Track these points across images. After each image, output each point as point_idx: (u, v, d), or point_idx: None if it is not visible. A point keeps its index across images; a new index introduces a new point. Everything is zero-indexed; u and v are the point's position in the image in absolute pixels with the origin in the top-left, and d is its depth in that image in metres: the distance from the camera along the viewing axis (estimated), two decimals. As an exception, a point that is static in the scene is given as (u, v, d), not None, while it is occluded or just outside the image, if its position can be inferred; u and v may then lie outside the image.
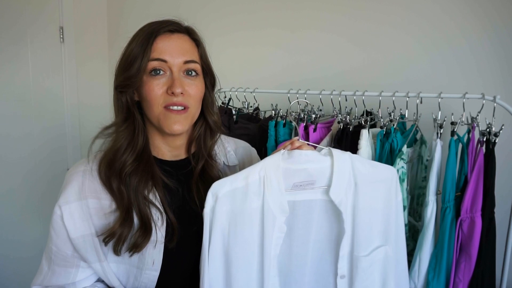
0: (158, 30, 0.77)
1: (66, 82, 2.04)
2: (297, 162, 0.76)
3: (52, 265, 0.78)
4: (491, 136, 1.05)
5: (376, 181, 0.79)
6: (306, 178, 0.77)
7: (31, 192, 1.98)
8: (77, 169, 0.79)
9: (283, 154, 0.76)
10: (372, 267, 0.79)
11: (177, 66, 0.76)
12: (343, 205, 0.77)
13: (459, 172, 1.08)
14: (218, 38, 1.82)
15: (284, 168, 0.76)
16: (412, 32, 1.43)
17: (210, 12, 1.86)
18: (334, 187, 0.76)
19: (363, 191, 0.78)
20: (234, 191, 0.74)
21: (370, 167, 0.79)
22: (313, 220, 0.80)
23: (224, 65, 1.81)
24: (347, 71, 1.55)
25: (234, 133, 1.41)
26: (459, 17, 1.35)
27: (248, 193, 0.74)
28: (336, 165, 0.76)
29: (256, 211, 0.75)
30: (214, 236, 0.73)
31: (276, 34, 1.71)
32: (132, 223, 0.75)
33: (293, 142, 0.78)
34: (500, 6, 1.29)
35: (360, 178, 0.78)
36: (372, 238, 0.80)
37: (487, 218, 1.04)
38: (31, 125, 1.96)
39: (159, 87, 0.76)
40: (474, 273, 1.05)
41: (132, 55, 0.75)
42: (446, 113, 1.14)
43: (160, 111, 0.76)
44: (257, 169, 0.75)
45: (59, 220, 0.75)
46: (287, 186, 0.77)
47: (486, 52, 1.32)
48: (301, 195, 0.78)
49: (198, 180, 0.84)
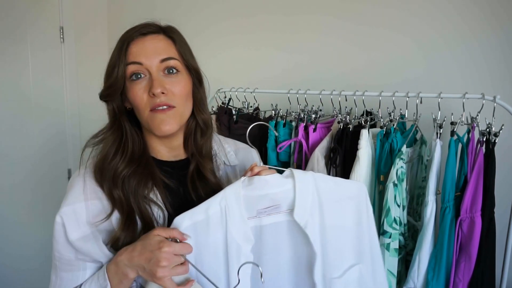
0: (131, 35, 0.78)
1: (66, 82, 2.04)
2: (257, 188, 0.74)
3: (58, 272, 0.78)
4: (491, 136, 1.05)
5: (342, 198, 0.77)
6: (269, 204, 0.75)
7: (31, 191, 1.98)
8: (78, 173, 0.80)
9: (243, 182, 0.74)
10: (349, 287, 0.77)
11: (154, 66, 0.76)
12: (309, 227, 0.74)
13: (459, 172, 1.08)
14: (218, 38, 1.83)
15: (245, 196, 0.74)
16: (412, 32, 1.43)
17: (210, 12, 1.86)
18: (297, 209, 0.74)
19: (329, 210, 0.76)
20: (195, 224, 0.72)
21: (334, 185, 0.77)
22: (282, 243, 0.78)
23: (224, 65, 1.81)
24: (347, 71, 1.55)
25: (234, 133, 1.41)
26: (458, 18, 1.35)
27: (210, 225, 0.72)
28: (298, 186, 0.74)
29: (220, 243, 0.73)
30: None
31: (276, 34, 1.71)
32: (135, 226, 0.75)
33: (253, 168, 0.75)
34: (500, 6, 1.29)
35: (325, 197, 0.76)
36: (344, 257, 0.78)
37: (487, 218, 1.04)
38: (31, 125, 1.96)
39: (142, 91, 0.76)
40: (474, 273, 1.05)
41: (110, 64, 0.78)
42: (446, 113, 1.14)
43: (147, 115, 0.77)
44: (218, 200, 0.73)
45: (58, 227, 0.75)
46: (250, 214, 0.75)
47: (486, 52, 1.32)
48: (267, 219, 0.76)
49: (195, 179, 0.83)
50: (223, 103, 1.51)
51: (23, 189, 1.95)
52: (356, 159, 1.11)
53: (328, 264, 0.76)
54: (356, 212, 0.78)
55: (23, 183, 1.95)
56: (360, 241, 0.79)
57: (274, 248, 0.78)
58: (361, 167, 1.10)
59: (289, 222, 0.76)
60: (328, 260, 0.76)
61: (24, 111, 1.93)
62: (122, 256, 0.70)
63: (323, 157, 1.20)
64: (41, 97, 1.97)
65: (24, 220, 1.96)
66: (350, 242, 0.78)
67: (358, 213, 0.78)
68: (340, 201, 0.77)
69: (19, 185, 1.94)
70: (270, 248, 0.78)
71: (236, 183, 0.74)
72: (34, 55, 1.93)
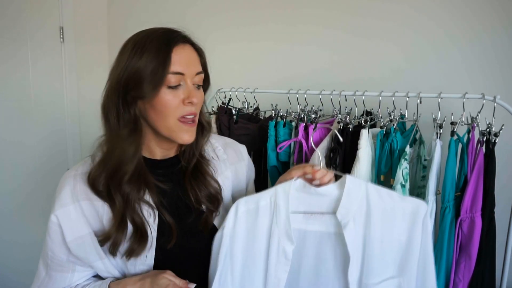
0: (174, 39, 0.76)
1: (66, 82, 2.04)
2: (309, 193, 0.79)
3: (49, 271, 0.80)
4: (491, 136, 1.05)
5: (395, 213, 0.77)
6: (318, 209, 0.80)
7: (31, 191, 1.98)
8: (67, 175, 0.81)
9: (295, 181, 0.80)
10: None
11: (190, 78, 0.77)
12: (348, 229, 0.77)
13: (459, 172, 1.08)
14: (218, 38, 1.82)
15: (295, 196, 0.80)
16: (412, 32, 1.43)
17: (209, 12, 1.86)
18: (341, 208, 0.77)
19: (377, 221, 0.77)
20: (248, 211, 0.81)
21: (388, 198, 0.78)
22: (325, 253, 0.81)
23: (224, 65, 1.81)
24: (347, 71, 1.55)
25: (234, 133, 1.41)
26: (459, 17, 1.35)
27: (259, 215, 0.81)
28: (346, 190, 0.77)
29: (265, 233, 0.81)
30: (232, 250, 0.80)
31: (276, 34, 1.71)
32: (126, 227, 0.76)
33: (315, 173, 0.78)
34: (500, 6, 1.29)
35: (374, 208, 0.77)
36: (385, 267, 0.78)
37: (487, 218, 1.04)
38: (31, 125, 1.96)
39: (177, 99, 0.76)
40: (474, 273, 1.05)
41: (147, 66, 0.73)
42: (446, 113, 1.13)
43: (174, 123, 0.77)
44: (269, 195, 0.81)
45: (55, 227, 0.77)
46: (297, 214, 0.80)
47: (486, 52, 1.32)
48: (313, 225, 0.81)
49: (190, 178, 0.85)
50: (223, 103, 1.51)
51: (23, 189, 1.95)
52: (356, 159, 1.11)
53: (367, 270, 0.78)
54: (408, 229, 0.77)
55: (23, 183, 1.95)
56: (408, 256, 0.78)
57: (316, 256, 0.82)
58: (361, 167, 1.11)
59: (336, 235, 0.79)
60: (367, 266, 0.78)
61: (24, 111, 1.93)
62: (130, 285, 0.76)
63: (324, 157, 1.20)
64: (41, 97, 1.97)
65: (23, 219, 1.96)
66: (396, 255, 0.78)
67: (411, 230, 0.77)
68: (392, 215, 0.78)
69: (19, 185, 1.94)
70: (312, 255, 0.82)
71: (289, 182, 0.80)
72: (34, 55, 1.92)
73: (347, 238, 0.77)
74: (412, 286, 0.79)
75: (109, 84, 0.78)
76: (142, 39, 0.75)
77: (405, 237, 0.78)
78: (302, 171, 0.81)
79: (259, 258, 0.81)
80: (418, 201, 0.78)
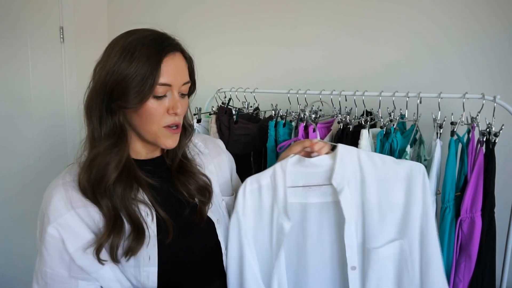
0: (164, 49, 0.74)
1: (66, 82, 2.04)
2: (304, 166, 0.83)
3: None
4: (491, 136, 1.05)
5: (390, 178, 0.80)
6: (315, 181, 0.83)
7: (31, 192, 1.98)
8: (55, 184, 0.78)
9: (292, 158, 0.84)
10: (386, 260, 0.80)
11: (177, 88, 0.77)
12: (343, 194, 0.79)
13: (459, 172, 1.08)
14: (219, 39, 1.82)
15: (291, 171, 0.84)
16: (412, 32, 1.43)
17: (210, 13, 1.86)
18: (335, 175, 0.80)
19: (373, 186, 0.80)
20: (252, 191, 0.87)
21: (382, 164, 0.81)
22: (326, 222, 0.84)
23: (224, 65, 1.81)
24: (347, 71, 1.55)
25: (234, 133, 1.41)
26: (459, 18, 1.35)
27: (262, 193, 0.86)
28: (339, 157, 0.80)
29: (267, 210, 0.86)
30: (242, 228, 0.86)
31: (276, 34, 1.71)
32: (121, 229, 0.75)
33: (313, 145, 0.82)
34: (500, 6, 1.29)
35: (368, 174, 0.80)
36: (386, 231, 0.80)
37: (487, 218, 1.04)
38: (31, 125, 1.96)
39: (161, 108, 0.76)
40: (474, 273, 1.05)
41: (136, 76, 0.71)
42: (446, 113, 1.13)
43: (158, 129, 0.77)
44: (269, 174, 0.86)
45: (53, 240, 0.73)
46: (296, 189, 0.84)
47: (486, 52, 1.32)
48: (313, 198, 0.85)
49: (178, 175, 0.86)
50: (223, 103, 1.51)
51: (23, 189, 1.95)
52: (356, 159, 1.11)
53: (368, 235, 0.81)
54: (406, 193, 0.80)
55: (23, 183, 1.95)
56: (407, 219, 0.80)
57: (319, 227, 0.86)
58: (361, 167, 1.11)
59: (335, 203, 0.82)
60: (368, 230, 0.81)
61: (24, 111, 1.93)
62: None
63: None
64: (41, 97, 1.97)
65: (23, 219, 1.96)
66: (396, 218, 0.80)
67: (408, 193, 0.79)
68: (388, 180, 0.80)
69: (19, 185, 1.94)
70: (315, 226, 0.86)
71: (286, 160, 0.85)
72: (34, 55, 1.92)
73: (343, 203, 0.79)
74: (415, 247, 0.80)
75: (93, 84, 0.76)
76: (131, 44, 0.73)
77: (403, 201, 0.80)
78: (302, 146, 0.84)
79: (265, 235, 0.86)
80: (413, 164, 0.80)
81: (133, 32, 0.76)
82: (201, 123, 1.56)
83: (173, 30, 0.82)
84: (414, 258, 0.81)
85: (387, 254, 0.80)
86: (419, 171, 0.80)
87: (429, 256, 0.81)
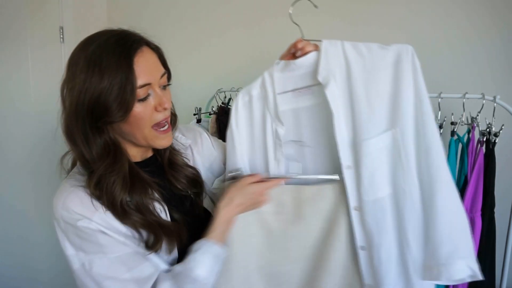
0: (129, 49, 0.69)
1: (66, 82, 2.03)
2: (292, 70, 0.83)
3: (130, 270, 0.71)
4: (491, 136, 1.06)
5: (378, 67, 0.76)
6: (304, 83, 0.83)
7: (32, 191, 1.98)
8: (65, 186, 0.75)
9: (278, 64, 0.85)
10: (378, 153, 0.76)
11: (157, 83, 0.74)
12: (330, 87, 0.77)
13: (459, 172, 1.08)
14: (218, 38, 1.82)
15: (279, 77, 0.84)
16: (412, 32, 1.43)
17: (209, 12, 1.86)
18: (320, 68, 0.79)
19: (361, 78, 0.77)
20: (244, 104, 0.88)
21: (367, 53, 0.78)
22: (320, 123, 0.84)
23: (224, 65, 1.81)
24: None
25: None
26: (459, 17, 1.35)
27: (253, 104, 0.87)
28: (323, 50, 0.80)
29: (260, 119, 0.86)
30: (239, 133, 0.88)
31: (276, 33, 1.70)
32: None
33: (296, 44, 0.83)
34: (500, 6, 1.29)
35: (355, 65, 0.77)
36: (376, 122, 0.76)
37: (487, 218, 1.05)
38: (31, 125, 1.96)
39: (149, 108, 0.73)
40: (474, 273, 1.05)
41: (112, 88, 0.67)
42: (446, 113, 1.13)
43: (149, 132, 0.75)
44: (258, 83, 0.87)
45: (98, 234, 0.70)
46: (286, 95, 0.84)
47: (486, 52, 1.32)
48: (303, 102, 0.85)
49: (170, 171, 0.86)
50: (223, 103, 1.51)
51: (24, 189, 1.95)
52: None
53: (358, 127, 0.77)
54: (394, 79, 0.75)
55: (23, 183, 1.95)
56: (398, 105, 0.75)
57: (313, 129, 0.85)
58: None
59: (325, 103, 0.80)
60: (358, 123, 0.77)
61: (24, 111, 1.93)
62: (230, 212, 0.80)
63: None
64: (41, 97, 1.97)
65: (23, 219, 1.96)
66: (385, 107, 0.76)
67: (397, 78, 0.75)
68: (375, 69, 0.76)
69: (19, 185, 1.94)
70: (309, 129, 0.85)
71: (272, 66, 0.86)
72: (34, 55, 1.92)
73: (329, 96, 0.77)
74: (409, 136, 0.75)
75: (68, 107, 0.71)
76: (94, 54, 0.68)
77: (392, 87, 0.75)
78: (287, 52, 0.85)
79: (260, 142, 0.87)
80: (400, 46, 0.76)
81: (91, 40, 0.72)
82: (201, 123, 1.56)
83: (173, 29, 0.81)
84: (409, 148, 0.75)
85: (379, 146, 0.75)
86: (407, 52, 0.75)
87: (428, 144, 0.75)
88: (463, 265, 0.71)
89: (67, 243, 0.72)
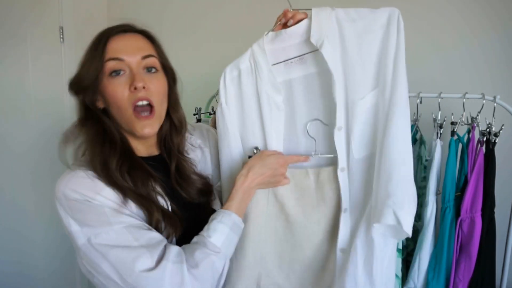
0: (109, 32, 0.77)
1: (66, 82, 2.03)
2: (281, 41, 0.82)
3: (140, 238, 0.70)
4: (491, 136, 1.06)
5: (368, 30, 0.77)
6: (295, 53, 0.82)
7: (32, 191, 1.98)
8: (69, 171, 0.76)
9: (267, 35, 0.83)
10: (367, 113, 0.78)
11: (135, 63, 0.76)
12: (325, 48, 0.77)
13: (459, 172, 1.08)
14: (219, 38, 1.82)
15: (270, 49, 0.83)
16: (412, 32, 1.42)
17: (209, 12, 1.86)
18: (313, 31, 0.78)
19: (352, 42, 0.77)
20: (232, 79, 0.86)
21: (358, 17, 0.78)
22: (313, 93, 0.83)
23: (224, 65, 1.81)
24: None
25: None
26: (458, 17, 1.35)
27: (242, 78, 0.85)
28: (314, 14, 0.79)
29: (253, 94, 0.84)
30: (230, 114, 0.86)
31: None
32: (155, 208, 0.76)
33: (285, 14, 0.81)
34: (500, 6, 1.29)
35: (347, 30, 0.78)
36: (367, 82, 0.78)
37: (487, 218, 1.05)
38: (31, 125, 1.95)
39: (122, 86, 0.74)
40: (474, 273, 1.05)
41: (86, 59, 0.76)
42: (446, 113, 1.13)
43: (129, 115, 0.76)
44: (247, 56, 0.85)
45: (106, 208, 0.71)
46: (278, 66, 0.83)
47: (486, 52, 1.32)
48: (296, 72, 0.83)
49: (176, 177, 0.84)
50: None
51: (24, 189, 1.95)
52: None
53: (351, 88, 0.78)
54: (383, 39, 0.77)
55: (24, 183, 1.95)
56: (382, 66, 0.77)
57: (305, 100, 0.84)
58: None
59: (318, 73, 0.80)
60: (351, 85, 0.78)
61: (24, 111, 1.92)
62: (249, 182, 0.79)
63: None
64: (41, 97, 1.97)
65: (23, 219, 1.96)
66: (374, 66, 0.78)
67: (385, 40, 0.77)
68: (367, 33, 0.77)
69: (20, 185, 1.94)
70: (302, 100, 0.84)
71: (262, 38, 0.84)
72: (34, 55, 1.92)
73: (325, 55, 0.77)
74: (387, 96, 0.76)
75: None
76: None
77: (379, 49, 0.77)
78: (276, 24, 0.84)
79: (253, 117, 0.85)
80: (388, 9, 0.78)
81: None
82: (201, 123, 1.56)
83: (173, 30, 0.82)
84: (382, 107, 0.77)
85: (368, 105, 0.78)
86: (394, 14, 0.78)
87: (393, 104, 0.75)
88: (390, 212, 0.72)
89: (70, 220, 0.71)
